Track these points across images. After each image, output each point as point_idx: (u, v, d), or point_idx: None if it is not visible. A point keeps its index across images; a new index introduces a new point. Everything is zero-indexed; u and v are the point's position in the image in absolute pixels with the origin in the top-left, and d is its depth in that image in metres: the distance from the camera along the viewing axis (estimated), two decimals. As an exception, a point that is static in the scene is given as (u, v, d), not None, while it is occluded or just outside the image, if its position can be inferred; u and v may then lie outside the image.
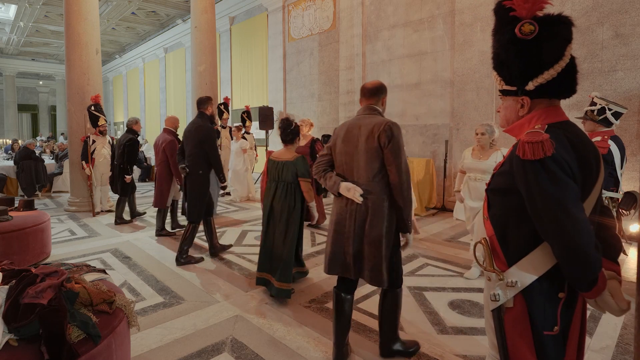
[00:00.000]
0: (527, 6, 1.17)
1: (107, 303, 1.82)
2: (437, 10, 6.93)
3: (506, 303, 1.22)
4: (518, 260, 1.20)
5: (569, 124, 1.21)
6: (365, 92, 2.31)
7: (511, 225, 1.23)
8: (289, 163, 3.17)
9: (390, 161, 2.13)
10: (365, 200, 2.17)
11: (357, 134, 2.21)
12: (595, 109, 3.30)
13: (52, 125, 25.69)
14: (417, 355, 2.39)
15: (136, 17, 14.46)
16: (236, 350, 2.46)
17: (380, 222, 2.16)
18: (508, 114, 1.32)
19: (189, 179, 4.15)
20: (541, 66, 1.18)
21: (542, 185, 1.10)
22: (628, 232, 4.14)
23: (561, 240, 1.09)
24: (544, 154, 1.09)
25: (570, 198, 1.09)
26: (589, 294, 1.13)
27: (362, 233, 2.19)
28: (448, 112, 6.85)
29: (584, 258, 1.08)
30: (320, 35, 9.39)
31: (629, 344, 2.50)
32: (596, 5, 5.14)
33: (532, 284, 1.18)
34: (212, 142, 4.17)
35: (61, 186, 9.16)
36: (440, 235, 5.16)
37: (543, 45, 1.16)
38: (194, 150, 4.12)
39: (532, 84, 1.21)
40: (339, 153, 2.30)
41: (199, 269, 3.94)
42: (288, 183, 3.18)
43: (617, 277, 1.18)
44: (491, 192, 1.32)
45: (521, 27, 1.17)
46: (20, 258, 3.80)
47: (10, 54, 20.59)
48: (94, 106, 6.42)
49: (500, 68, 1.28)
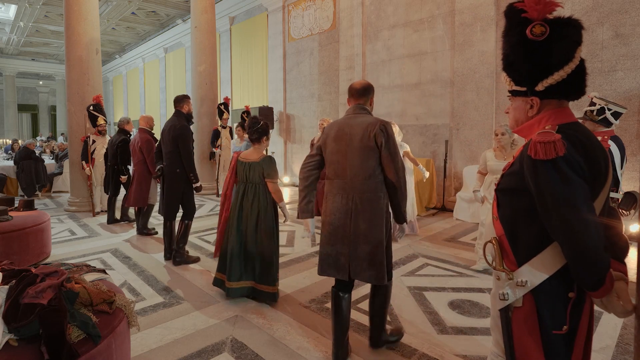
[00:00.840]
0: (538, 8, 1.18)
1: (107, 303, 1.82)
2: (437, 10, 6.93)
3: (515, 302, 1.22)
4: (528, 260, 1.21)
5: (579, 125, 1.21)
6: (354, 92, 2.33)
7: (521, 225, 1.24)
8: (255, 164, 3.08)
9: (388, 160, 2.17)
10: (362, 199, 2.19)
11: (350, 133, 2.22)
12: (594, 109, 3.30)
13: (52, 125, 25.68)
14: (417, 355, 2.39)
15: (136, 17, 14.47)
16: (236, 350, 2.46)
17: (380, 221, 2.19)
18: (517, 114, 1.33)
19: (167, 177, 4.14)
20: (551, 67, 1.19)
21: (553, 185, 1.10)
22: (628, 232, 4.14)
23: (571, 240, 1.10)
24: (556, 154, 1.09)
25: (581, 198, 1.09)
26: (596, 294, 1.13)
27: (359, 233, 2.19)
28: (448, 112, 6.85)
29: (593, 258, 1.08)
30: (320, 35, 9.39)
31: (629, 344, 2.50)
32: (596, 5, 5.14)
33: (541, 284, 1.18)
34: (185, 139, 4.08)
35: (61, 186, 9.17)
36: (440, 235, 5.16)
37: (553, 47, 1.17)
38: (170, 148, 4.10)
39: (542, 85, 1.21)
40: (331, 152, 2.30)
41: (199, 269, 3.95)
42: (256, 184, 3.09)
43: (624, 278, 1.18)
44: (501, 192, 1.32)
45: (532, 29, 1.18)
46: (20, 258, 3.80)
47: (10, 54, 20.59)
48: (93, 106, 6.43)
49: (510, 69, 1.29)
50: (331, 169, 2.31)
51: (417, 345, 2.50)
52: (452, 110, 6.78)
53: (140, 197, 5.21)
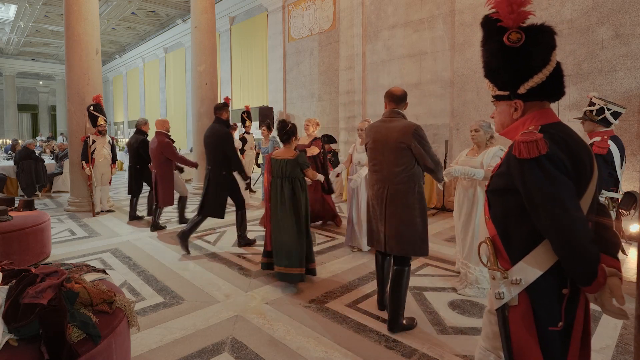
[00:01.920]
0: (512, 17, 1.25)
1: (107, 303, 1.82)
2: (437, 10, 6.93)
3: (510, 301, 1.25)
4: (521, 258, 1.24)
5: (562, 125, 1.27)
6: (393, 97, 2.74)
7: (512, 224, 1.28)
8: (292, 161, 3.49)
9: (423, 156, 2.60)
10: (395, 189, 2.65)
11: (387, 135, 2.66)
12: (594, 109, 3.29)
13: (52, 125, 25.69)
14: (417, 355, 2.39)
15: (136, 17, 14.47)
16: (236, 350, 2.46)
17: (410, 207, 2.62)
18: (502, 118, 1.39)
19: (213, 181, 4.51)
20: (530, 70, 1.26)
21: (538, 183, 1.15)
22: (628, 232, 4.14)
23: (559, 236, 1.14)
24: (538, 153, 1.14)
25: (566, 194, 1.13)
26: (590, 289, 1.16)
27: (391, 216, 2.64)
28: (448, 112, 6.85)
29: (582, 252, 1.12)
30: (320, 35, 9.39)
31: (629, 344, 2.51)
32: (596, 5, 5.14)
33: (536, 281, 1.21)
34: (230, 144, 4.56)
35: (61, 186, 9.16)
36: (440, 235, 5.16)
37: (531, 51, 1.25)
38: (215, 153, 4.52)
39: (524, 88, 1.28)
40: (371, 149, 2.80)
41: (199, 269, 3.95)
42: (292, 178, 3.51)
43: (617, 274, 1.20)
44: (491, 192, 1.36)
45: (509, 36, 1.26)
46: (20, 258, 3.80)
47: (10, 54, 20.59)
48: (93, 106, 6.43)
49: (492, 75, 1.37)
50: (371, 164, 2.81)
51: (417, 345, 2.50)
52: (452, 110, 6.79)
53: (167, 196, 5.46)
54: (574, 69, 5.34)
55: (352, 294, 3.29)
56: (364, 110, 8.34)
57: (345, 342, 2.54)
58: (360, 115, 8.22)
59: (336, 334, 2.65)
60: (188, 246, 4.44)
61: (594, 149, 3.13)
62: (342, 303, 3.12)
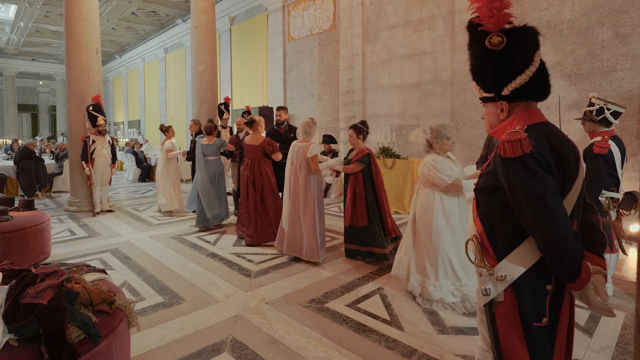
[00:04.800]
0: (493, 20, 1.29)
1: (107, 303, 1.82)
2: (437, 10, 6.93)
3: (497, 297, 1.28)
4: (506, 255, 1.27)
5: (548, 125, 1.29)
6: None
7: (498, 221, 1.31)
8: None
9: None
10: None
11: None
12: (593, 110, 3.29)
13: (52, 125, 25.68)
14: (417, 355, 2.39)
15: (136, 17, 14.46)
16: (236, 350, 2.46)
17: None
18: (490, 119, 1.43)
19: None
20: (513, 72, 1.29)
21: (522, 181, 1.18)
22: (628, 232, 4.14)
23: (542, 232, 1.16)
24: (522, 152, 1.17)
25: (548, 192, 1.16)
26: (574, 286, 1.19)
27: None
28: (448, 112, 6.85)
29: (564, 248, 1.15)
30: (320, 35, 9.39)
31: (629, 344, 2.50)
32: (596, 5, 5.14)
33: (520, 278, 1.24)
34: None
35: (61, 186, 9.16)
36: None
37: (513, 54, 1.28)
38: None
39: (507, 89, 1.31)
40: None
41: (199, 269, 3.95)
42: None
43: (602, 272, 1.24)
44: (479, 191, 1.40)
45: (490, 39, 1.30)
46: (20, 258, 3.80)
47: (10, 54, 20.58)
48: (93, 106, 6.42)
49: (478, 78, 1.40)
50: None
51: (417, 345, 2.50)
52: (452, 110, 6.79)
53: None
54: (574, 69, 5.34)
55: (352, 294, 3.29)
56: (364, 110, 8.34)
57: (345, 342, 2.54)
58: (360, 115, 8.22)
59: (336, 334, 2.65)
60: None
61: (595, 149, 3.13)
62: (342, 303, 3.12)
